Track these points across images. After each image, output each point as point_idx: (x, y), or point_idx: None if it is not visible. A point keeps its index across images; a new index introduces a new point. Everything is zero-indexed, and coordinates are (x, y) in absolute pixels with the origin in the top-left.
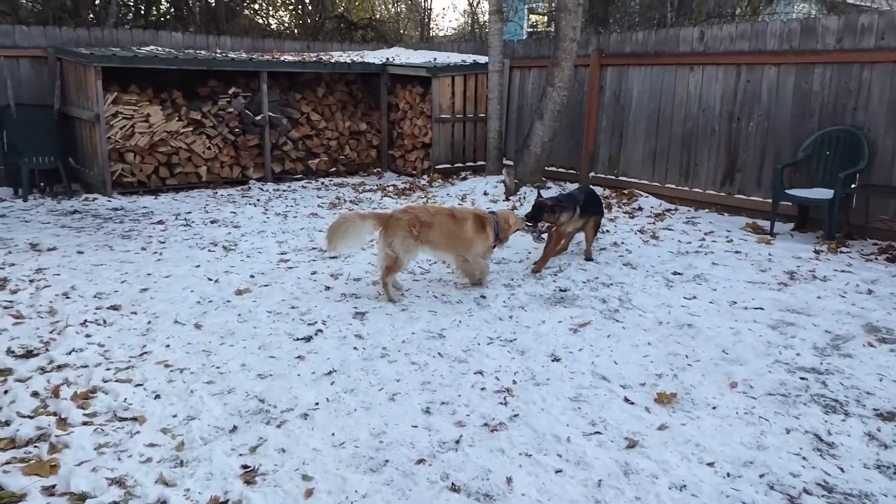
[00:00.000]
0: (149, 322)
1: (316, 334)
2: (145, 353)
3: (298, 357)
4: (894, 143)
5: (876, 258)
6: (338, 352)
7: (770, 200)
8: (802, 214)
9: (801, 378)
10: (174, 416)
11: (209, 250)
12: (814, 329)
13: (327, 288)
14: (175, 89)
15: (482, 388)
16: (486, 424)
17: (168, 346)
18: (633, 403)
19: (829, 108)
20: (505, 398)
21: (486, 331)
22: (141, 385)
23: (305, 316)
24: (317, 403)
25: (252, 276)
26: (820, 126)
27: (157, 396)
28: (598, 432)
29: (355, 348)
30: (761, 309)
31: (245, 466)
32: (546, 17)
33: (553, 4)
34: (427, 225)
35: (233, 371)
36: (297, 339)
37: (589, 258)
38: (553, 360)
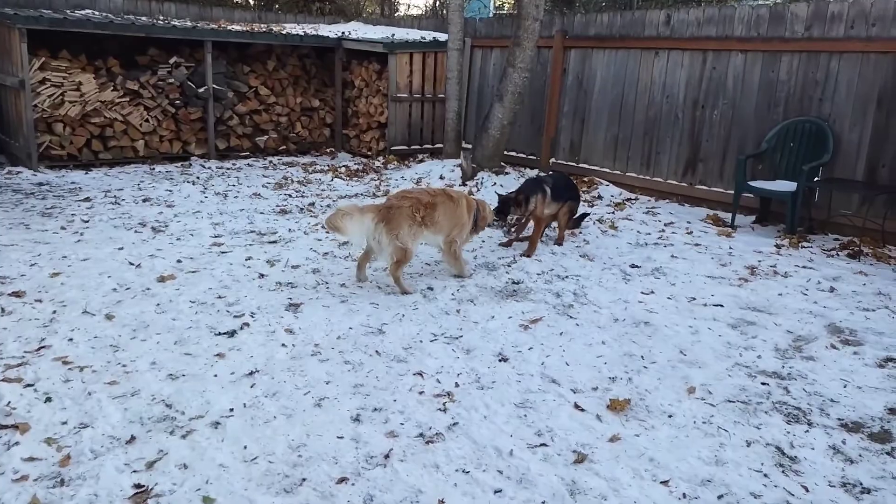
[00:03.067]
0: (54, 311)
1: (241, 328)
2: (43, 347)
3: (218, 355)
4: (860, 137)
5: (837, 254)
6: (263, 349)
7: (732, 192)
8: (764, 207)
9: (763, 383)
10: (64, 423)
11: (136, 231)
12: (775, 329)
13: (261, 276)
14: (112, 57)
15: (420, 392)
16: (421, 435)
17: (71, 339)
18: (583, 410)
19: (796, 98)
20: (445, 404)
21: (430, 326)
22: (31, 385)
23: (232, 307)
24: (231, 409)
25: (179, 261)
26: (785, 116)
27: (48, 399)
28: (545, 444)
29: (283, 345)
30: (721, 306)
31: (138, 486)
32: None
33: None
34: (430, 207)
35: (141, 370)
36: (219, 334)
37: (559, 243)
38: (500, 361)
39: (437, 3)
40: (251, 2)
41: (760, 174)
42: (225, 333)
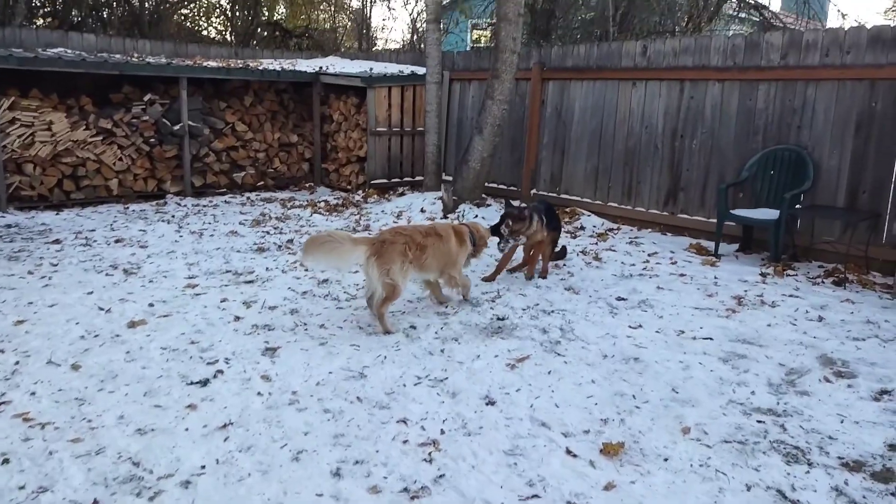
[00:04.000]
0: (16, 362)
1: (215, 376)
2: (3, 402)
3: (189, 406)
4: (839, 163)
5: (822, 281)
6: (238, 398)
7: (714, 220)
8: (747, 235)
9: (759, 421)
10: (21, 487)
11: (107, 274)
12: (767, 362)
13: (237, 318)
14: (84, 95)
15: (405, 441)
16: (405, 489)
17: (34, 393)
18: (576, 456)
19: (774, 126)
20: (430, 453)
21: (413, 368)
22: None
23: (206, 353)
24: (203, 467)
25: (151, 305)
26: (764, 145)
27: (6, 461)
28: (537, 495)
29: (259, 393)
30: (710, 339)
31: None
32: (489, 32)
33: (493, 17)
34: (421, 247)
35: (107, 425)
36: (192, 383)
37: (543, 276)
38: (487, 404)
39: (415, 36)
40: (228, 38)
41: (742, 202)
42: (197, 382)
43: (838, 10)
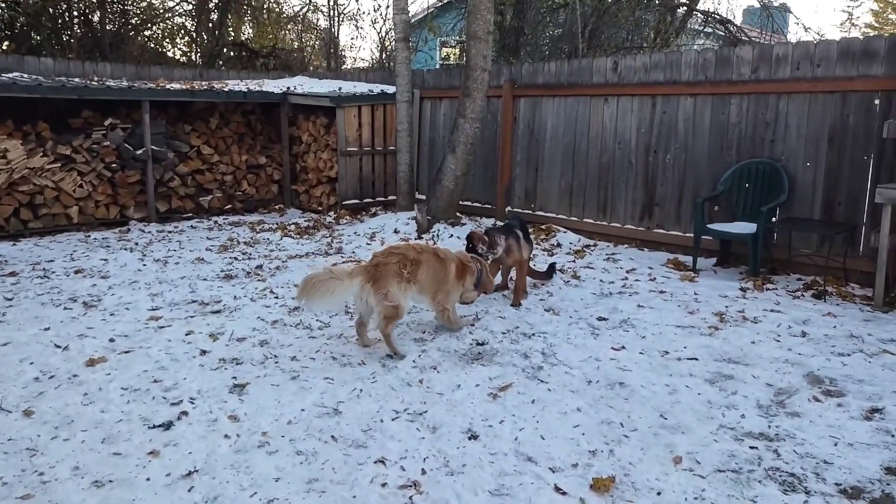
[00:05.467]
0: None
1: (179, 418)
2: None
3: (151, 453)
4: (814, 175)
5: (802, 295)
6: (204, 442)
7: (690, 235)
8: (724, 249)
9: (751, 447)
10: None
11: (65, 308)
12: (754, 382)
13: (203, 353)
14: (42, 121)
15: (383, 485)
16: None
17: None
18: (565, 494)
19: (747, 140)
20: (411, 497)
21: (391, 401)
22: None
23: (169, 393)
24: None
25: (112, 340)
26: (738, 158)
27: None
28: None
29: (227, 436)
30: (695, 359)
31: None
32: (458, 50)
33: (462, 35)
34: (416, 263)
35: (60, 478)
36: (154, 427)
37: (523, 294)
38: (470, 438)
39: (384, 55)
40: (195, 59)
41: (718, 216)
42: (160, 426)
43: (798, 23)
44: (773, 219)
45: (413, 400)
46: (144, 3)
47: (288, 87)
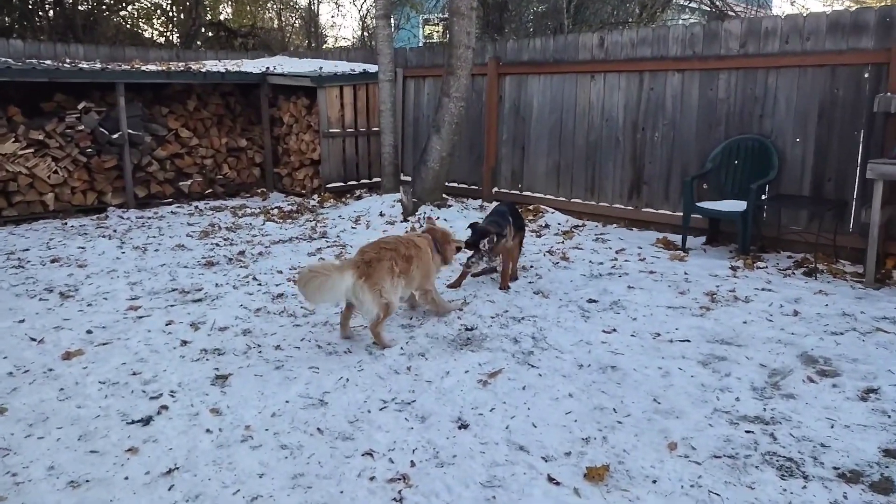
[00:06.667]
0: None
1: (159, 412)
2: None
3: (130, 450)
4: (803, 152)
5: (793, 272)
6: (185, 437)
7: (679, 213)
8: (713, 227)
9: (747, 431)
10: None
11: (41, 299)
12: (747, 363)
13: (184, 343)
14: (12, 105)
15: (371, 478)
16: None
17: None
18: (558, 484)
19: (736, 116)
20: (400, 491)
21: (378, 391)
22: None
23: (149, 386)
24: None
25: (89, 332)
26: (727, 135)
27: None
28: None
29: (209, 430)
30: (688, 341)
31: None
32: (441, 27)
33: (445, 12)
34: (408, 259)
35: (35, 479)
36: (133, 423)
37: (514, 277)
38: (460, 428)
39: (366, 34)
40: (173, 40)
41: (706, 194)
42: (139, 421)
43: None
44: (763, 196)
45: (401, 388)
46: None
47: (267, 67)
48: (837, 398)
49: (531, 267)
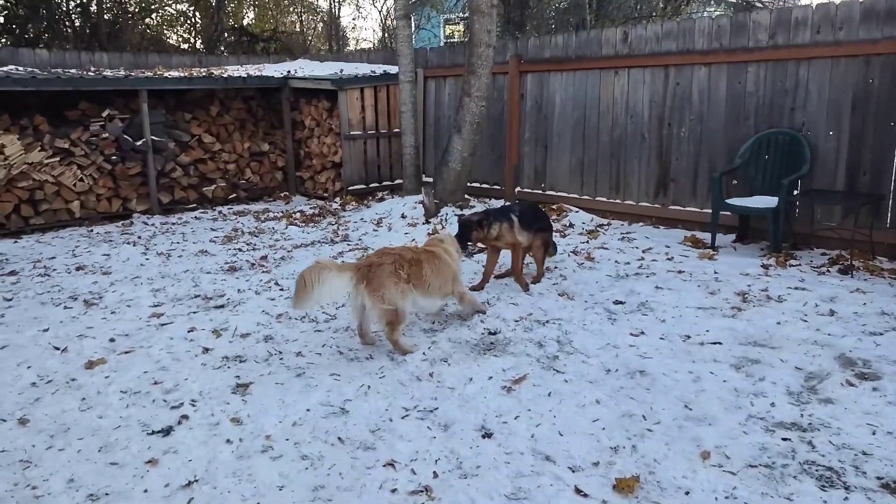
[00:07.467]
0: None
1: (179, 422)
2: None
3: (150, 462)
4: (837, 144)
5: (828, 270)
6: (205, 448)
7: (708, 210)
8: (743, 224)
9: (784, 439)
10: None
11: (66, 307)
12: (782, 367)
13: (205, 350)
14: (38, 114)
15: (393, 490)
16: None
17: None
18: (586, 496)
19: (765, 109)
20: None
21: (400, 398)
22: None
23: (170, 395)
24: None
25: (112, 340)
26: (756, 129)
27: None
28: None
29: (229, 441)
30: (719, 343)
31: None
32: (462, 26)
33: (466, 11)
34: (415, 264)
35: (54, 492)
36: (153, 433)
37: (537, 280)
38: (484, 437)
39: (386, 35)
40: (196, 45)
41: (736, 190)
42: (159, 432)
43: None
44: (795, 191)
45: (423, 396)
46: None
47: (288, 71)
48: (879, 403)
49: (555, 268)
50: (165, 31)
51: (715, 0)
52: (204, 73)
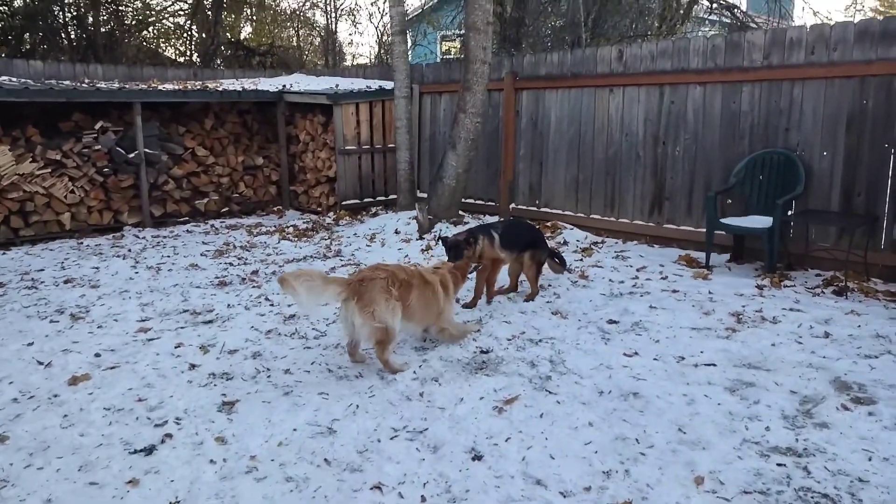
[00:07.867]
0: None
1: (163, 441)
2: None
3: (130, 482)
4: (831, 165)
5: (822, 292)
6: (188, 468)
7: (702, 230)
8: (738, 244)
9: (779, 464)
10: None
11: (51, 321)
12: (777, 390)
13: (192, 367)
14: (30, 125)
15: None
16: None
17: None
18: None
19: (760, 129)
20: None
21: (389, 418)
22: None
23: (154, 412)
24: None
25: (98, 355)
26: (751, 149)
27: None
28: None
29: (213, 461)
30: (713, 365)
31: None
32: (458, 43)
33: (462, 28)
34: (406, 285)
35: None
36: (135, 452)
37: (531, 298)
38: (474, 459)
39: (382, 50)
40: (192, 58)
41: (730, 210)
42: (142, 450)
43: (805, 7)
44: (790, 211)
45: (413, 416)
46: (139, 3)
47: (284, 86)
48: (874, 428)
49: (549, 286)
50: (162, 44)
51: (710, 20)
52: (199, 87)
